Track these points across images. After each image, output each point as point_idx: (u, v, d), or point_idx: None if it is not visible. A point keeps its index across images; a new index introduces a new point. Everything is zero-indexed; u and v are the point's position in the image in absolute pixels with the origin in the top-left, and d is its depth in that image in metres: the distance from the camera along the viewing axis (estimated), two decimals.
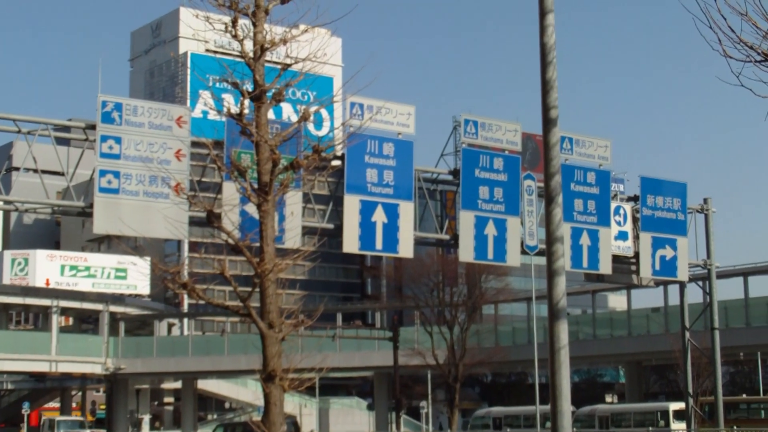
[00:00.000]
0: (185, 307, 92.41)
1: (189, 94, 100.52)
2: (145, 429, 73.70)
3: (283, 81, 14.96)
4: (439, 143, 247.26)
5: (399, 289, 75.43)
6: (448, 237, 32.87)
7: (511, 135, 32.51)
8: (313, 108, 15.37)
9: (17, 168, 64.86)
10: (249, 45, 14.75)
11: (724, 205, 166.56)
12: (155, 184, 26.70)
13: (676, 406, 49.23)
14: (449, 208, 33.66)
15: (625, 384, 68.48)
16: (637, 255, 36.15)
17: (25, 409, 66.36)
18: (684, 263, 37.47)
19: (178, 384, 76.45)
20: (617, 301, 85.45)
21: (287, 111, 74.46)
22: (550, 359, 12.47)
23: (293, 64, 15.13)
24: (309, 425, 70.63)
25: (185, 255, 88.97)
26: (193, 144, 27.58)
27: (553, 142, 12.76)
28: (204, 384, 74.97)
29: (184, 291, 14.79)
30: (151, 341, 69.08)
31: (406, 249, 30.55)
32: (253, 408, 74.59)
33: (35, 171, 28.76)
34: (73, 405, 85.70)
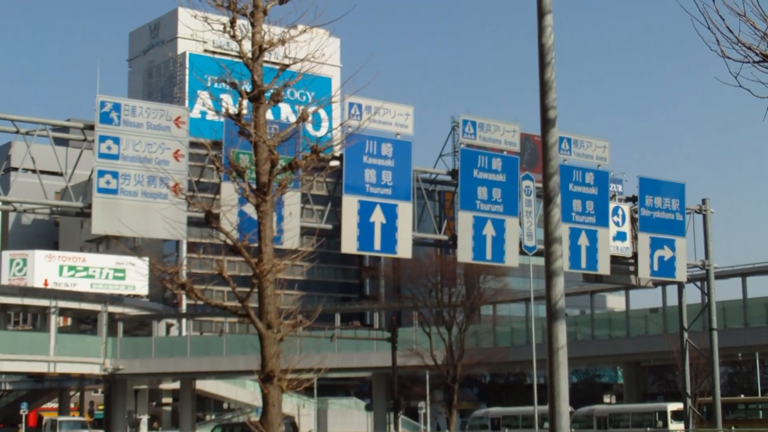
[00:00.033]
0: (184, 308, 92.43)
1: (187, 94, 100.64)
2: (143, 429, 73.59)
3: (282, 81, 14.95)
4: (438, 144, 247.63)
5: (397, 290, 75.57)
6: (446, 237, 32.82)
7: (510, 135, 32.46)
8: (312, 108, 15.35)
9: (16, 168, 64.76)
10: (247, 45, 14.74)
11: (722, 206, 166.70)
12: (154, 184, 26.67)
13: (674, 406, 49.24)
14: (448, 208, 33.63)
15: (624, 384, 68.43)
16: (636, 255, 36.13)
17: (24, 410, 66.36)
18: (682, 264, 37.44)
19: (176, 384, 76.40)
20: (615, 302, 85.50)
21: (286, 111, 74.41)
22: (548, 360, 12.48)
23: (292, 64, 15.12)
24: (307, 426, 70.68)
25: (183, 255, 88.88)
26: (192, 144, 27.52)
27: (552, 142, 12.76)
28: (202, 384, 74.94)
29: (182, 291, 14.78)
30: (150, 342, 69.01)
31: (404, 249, 30.50)
32: (252, 408, 74.54)
33: (34, 171, 28.70)
34: (72, 405, 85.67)
